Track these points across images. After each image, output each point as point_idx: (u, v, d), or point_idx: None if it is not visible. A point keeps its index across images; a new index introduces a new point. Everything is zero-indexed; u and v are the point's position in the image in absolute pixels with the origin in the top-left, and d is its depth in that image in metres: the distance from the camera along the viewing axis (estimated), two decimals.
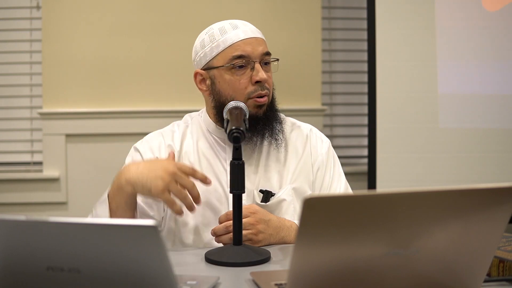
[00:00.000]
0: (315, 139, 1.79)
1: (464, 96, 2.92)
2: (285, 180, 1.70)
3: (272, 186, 1.69)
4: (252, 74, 1.64)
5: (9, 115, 3.22)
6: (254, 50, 1.64)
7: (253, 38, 1.66)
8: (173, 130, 1.76)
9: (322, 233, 0.97)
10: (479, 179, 2.88)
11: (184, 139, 1.73)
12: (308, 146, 1.76)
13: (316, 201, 0.94)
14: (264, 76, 1.64)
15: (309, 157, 1.75)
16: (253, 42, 1.65)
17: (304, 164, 1.73)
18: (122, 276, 0.96)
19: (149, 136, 1.76)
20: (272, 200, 1.66)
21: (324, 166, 1.75)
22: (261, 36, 1.69)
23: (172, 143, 1.72)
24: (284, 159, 1.73)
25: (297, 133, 1.78)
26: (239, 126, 1.45)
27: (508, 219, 1.04)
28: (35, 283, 1.00)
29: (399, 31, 2.92)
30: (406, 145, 2.93)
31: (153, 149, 1.71)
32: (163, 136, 1.74)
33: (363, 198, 0.99)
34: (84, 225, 0.94)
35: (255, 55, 1.64)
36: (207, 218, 1.64)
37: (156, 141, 1.73)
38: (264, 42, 1.68)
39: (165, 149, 1.70)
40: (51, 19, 3.10)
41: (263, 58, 1.66)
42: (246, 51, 1.64)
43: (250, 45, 1.65)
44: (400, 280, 1.06)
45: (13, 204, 3.15)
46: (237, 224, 1.46)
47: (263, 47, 1.66)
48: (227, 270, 1.36)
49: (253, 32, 1.67)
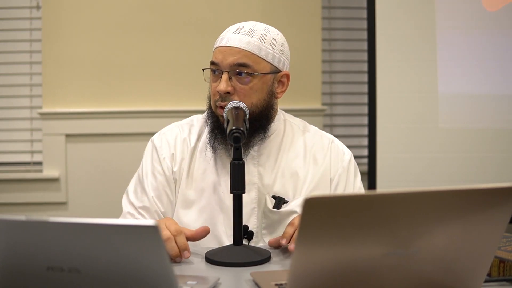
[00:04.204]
0: (336, 152, 1.73)
1: (464, 96, 2.92)
2: (299, 190, 1.67)
3: (286, 193, 1.67)
4: None
5: (9, 115, 3.22)
6: (224, 59, 1.61)
7: (228, 47, 1.61)
8: (192, 124, 1.77)
9: (323, 233, 0.97)
10: (479, 179, 2.88)
11: (201, 135, 1.73)
12: (328, 158, 1.71)
13: (316, 201, 0.94)
14: (222, 87, 1.59)
15: (328, 170, 1.70)
16: (226, 51, 1.61)
17: (321, 177, 1.69)
18: (122, 276, 0.96)
19: (166, 129, 1.77)
20: (284, 207, 1.64)
21: (344, 180, 1.71)
22: (244, 47, 1.60)
23: (188, 137, 1.73)
24: (301, 168, 1.69)
25: (317, 143, 1.74)
26: (239, 126, 1.45)
27: (508, 219, 1.04)
28: (35, 283, 1.00)
29: (399, 31, 2.92)
30: (406, 145, 2.93)
31: (169, 142, 1.72)
32: (181, 129, 1.75)
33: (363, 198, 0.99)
34: (84, 225, 0.94)
35: (224, 64, 1.61)
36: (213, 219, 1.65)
37: (173, 135, 1.74)
38: (240, 53, 1.60)
39: (180, 143, 1.71)
40: (51, 19, 3.10)
41: (234, 69, 1.60)
42: (217, 59, 1.62)
43: (221, 54, 1.61)
44: (400, 280, 1.06)
45: (13, 204, 3.14)
46: (237, 224, 1.46)
47: (236, 58, 1.60)
48: (227, 270, 1.36)
49: (234, 41, 1.61)
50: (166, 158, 1.69)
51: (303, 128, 1.77)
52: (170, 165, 1.69)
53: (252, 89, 1.61)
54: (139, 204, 1.66)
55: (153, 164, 1.70)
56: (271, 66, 1.64)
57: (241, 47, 1.60)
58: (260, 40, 1.62)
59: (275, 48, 1.64)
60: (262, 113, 1.65)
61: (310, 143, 1.73)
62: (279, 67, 1.66)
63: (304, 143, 1.73)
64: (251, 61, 1.60)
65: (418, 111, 2.92)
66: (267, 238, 1.63)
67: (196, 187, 1.67)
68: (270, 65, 1.63)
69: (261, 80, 1.62)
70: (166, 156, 1.70)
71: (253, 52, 1.61)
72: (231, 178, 1.45)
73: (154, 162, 1.71)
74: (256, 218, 1.64)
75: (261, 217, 1.64)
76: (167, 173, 1.68)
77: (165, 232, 1.43)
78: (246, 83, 1.61)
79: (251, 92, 1.61)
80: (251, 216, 1.63)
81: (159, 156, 1.70)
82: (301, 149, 1.72)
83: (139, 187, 1.69)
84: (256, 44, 1.61)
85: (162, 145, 1.72)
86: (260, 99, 1.63)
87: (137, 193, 1.69)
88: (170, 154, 1.70)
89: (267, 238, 1.63)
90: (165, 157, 1.70)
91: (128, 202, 1.69)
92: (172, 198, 1.68)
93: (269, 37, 1.64)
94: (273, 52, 1.63)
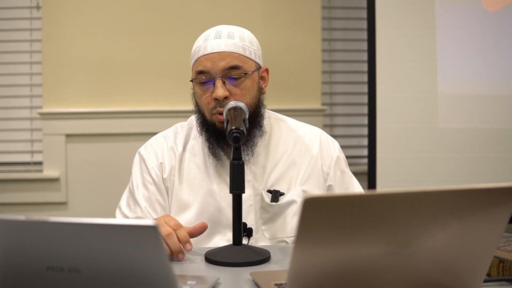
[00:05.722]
0: (326, 142, 1.77)
1: (464, 96, 2.92)
2: (294, 181, 1.70)
3: (281, 185, 1.69)
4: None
5: (9, 115, 3.22)
6: (214, 65, 1.61)
7: (216, 53, 1.61)
8: (176, 131, 1.77)
9: (322, 233, 0.97)
10: (479, 179, 2.88)
11: (188, 140, 1.74)
12: (318, 149, 1.74)
13: (316, 201, 0.94)
14: (220, 93, 1.59)
15: (319, 160, 1.73)
16: (214, 57, 1.61)
17: (314, 166, 1.72)
18: (122, 276, 0.96)
19: (152, 140, 1.78)
20: (281, 199, 1.66)
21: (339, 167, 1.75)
22: (231, 50, 1.62)
23: (175, 145, 1.73)
24: (293, 160, 1.72)
25: (307, 135, 1.77)
26: (239, 126, 1.45)
27: (508, 219, 1.04)
28: (35, 283, 1.00)
29: (399, 31, 2.92)
30: (406, 145, 2.93)
31: (157, 153, 1.72)
32: (166, 138, 1.76)
33: (363, 198, 0.99)
34: (84, 225, 0.94)
35: (215, 70, 1.61)
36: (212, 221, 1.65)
37: (159, 145, 1.74)
38: (230, 56, 1.61)
39: (167, 152, 1.72)
40: (51, 19, 3.10)
41: (227, 73, 1.61)
42: (207, 67, 1.62)
43: (210, 61, 1.61)
44: (400, 280, 1.06)
45: (13, 204, 3.15)
46: (237, 224, 1.46)
47: (227, 62, 1.61)
48: (227, 270, 1.36)
49: (220, 46, 1.62)
50: (155, 167, 1.70)
51: (290, 123, 1.80)
52: (160, 173, 1.70)
53: (245, 89, 1.63)
54: (133, 216, 1.67)
55: (142, 175, 1.71)
56: (255, 63, 1.67)
57: (228, 50, 1.62)
58: (241, 40, 1.65)
59: (253, 46, 1.68)
60: (255, 111, 1.67)
61: (299, 136, 1.76)
62: (259, 63, 1.69)
63: (293, 137, 1.76)
64: (240, 62, 1.63)
65: (418, 111, 2.93)
66: (267, 233, 1.65)
67: (190, 191, 1.68)
68: (254, 62, 1.67)
69: (250, 79, 1.65)
70: (154, 165, 1.71)
71: (240, 53, 1.63)
72: (231, 178, 1.45)
73: (143, 173, 1.71)
74: (254, 215, 1.65)
75: (260, 213, 1.65)
76: (157, 181, 1.69)
77: (165, 228, 1.43)
78: (239, 85, 1.62)
79: (245, 93, 1.63)
80: (249, 213, 1.64)
81: (147, 166, 1.71)
82: (290, 141, 1.75)
83: (131, 200, 1.70)
84: (240, 45, 1.64)
85: (149, 155, 1.72)
86: (253, 98, 1.66)
87: (130, 206, 1.70)
88: (159, 163, 1.71)
89: (267, 233, 1.65)
90: (153, 166, 1.71)
91: (122, 215, 1.69)
92: (166, 205, 1.69)
93: (246, 36, 1.67)
94: (254, 50, 1.67)
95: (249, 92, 1.64)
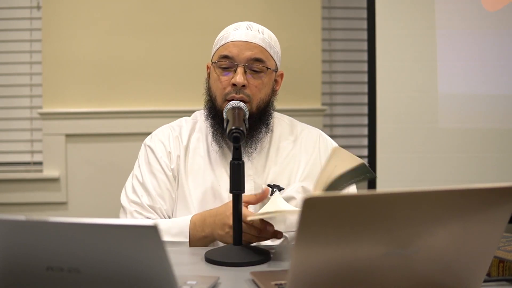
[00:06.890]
0: (325, 143, 1.80)
1: (464, 96, 2.92)
2: (293, 177, 1.72)
3: (281, 181, 1.71)
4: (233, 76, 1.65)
5: (9, 115, 3.22)
6: (240, 53, 1.65)
7: (244, 42, 1.66)
8: (181, 125, 1.80)
9: (322, 233, 0.97)
10: (479, 179, 2.88)
11: (192, 134, 1.76)
12: (317, 148, 1.78)
13: (316, 201, 0.94)
14: (240, 80, 1.63)
15: (318, 159, 1.76)
16: (242, 45, 1.66)
17: (313, 165, 1.75)
18: (122, 276, 0.96)
19: (157, 131, 1.80)
20: (281, 194, 1.66)
21: None
22: (259, 43, 1.68)
23: (180, 136, 1.76)
24: (293, 157, 1.75)
25: (307, 134, 1.81)
26: (239, 126, 1.45)
27: (508, 219, 1.04)
28: (35, 283, 1.00)
29: (399, 31, 2.92)
30: (406, 145, 2.93)
31: (163, 141, 1.74)
32: (171, 129, 1.78)
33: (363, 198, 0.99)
34: (84, 225, 0.94)
35: (240, 58, 1.65)
36: None
37: (165, 133, 1.77)
38: (257, 48, 1.67)
39: (173, 140, 1.74)
40: (51, 19, 3.10)
41: (250, 64, 1.66)
42: (232, 53, 1.66)
43: (237, 48, 1.66)
44: (400, 280, 1.06)
45: (13, 204, 3.15)
46: (237, 224, 1.46)
47: (253, 53, 1.66)
48: (227, 270, 1.36)
49: (249, 36, 1.67)
50: (164, 157, 1.72)
51: (290, 122, 1.84)
52: (168, 162, 1.72)
53: (263, 84, 1.68)
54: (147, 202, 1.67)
55: (150, 163, 1.72)
56: (275, 64, 1.73)
57: (257, 42, 1.68)
58: (269, 38, 1.72)
59: (277, 48, 1.74)
60: (265, 108, 1.71)
61: (300, 134, 1.80)
62: (278, 66, 1.75)
63: (294, 135, 1.79)
64: (264, 56, 1.68)
65: (418, 111, 2.93)
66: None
67: (193, 183, 1.70)
68: (275, 63, 1.73)
69: (268, 76, 1.70)
70: (163, 155, 1.72)
71: (266, 49, 1.69)
72: (231, 178, 1.45)
73: (152, 161, 1.72)
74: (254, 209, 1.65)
75: (260, 207, 1.65)
76: (167, 171, 1.71)
77: None
78: (258, 78, 1.67)
79: (261, 87, 1.68)
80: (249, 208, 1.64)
81: (156, 155, 1.72)
82: (291, 140, 1.78)
83: (140, 187, 1.70)
84: (268, 42, 1.70)
85: (156, 145, 1.74)
86: (266, 95, 1.70)
87: (137, 192, 1.70)
88: (167, 152, 1.73)
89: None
90: (162, 155, 1.72)
91: (131, 201, 1.69)
92: (174, 195, 1.70)
93: (273, 37, 1.75)
94: (277, 51, 1.74)
95: (264, 88, 1.68)
